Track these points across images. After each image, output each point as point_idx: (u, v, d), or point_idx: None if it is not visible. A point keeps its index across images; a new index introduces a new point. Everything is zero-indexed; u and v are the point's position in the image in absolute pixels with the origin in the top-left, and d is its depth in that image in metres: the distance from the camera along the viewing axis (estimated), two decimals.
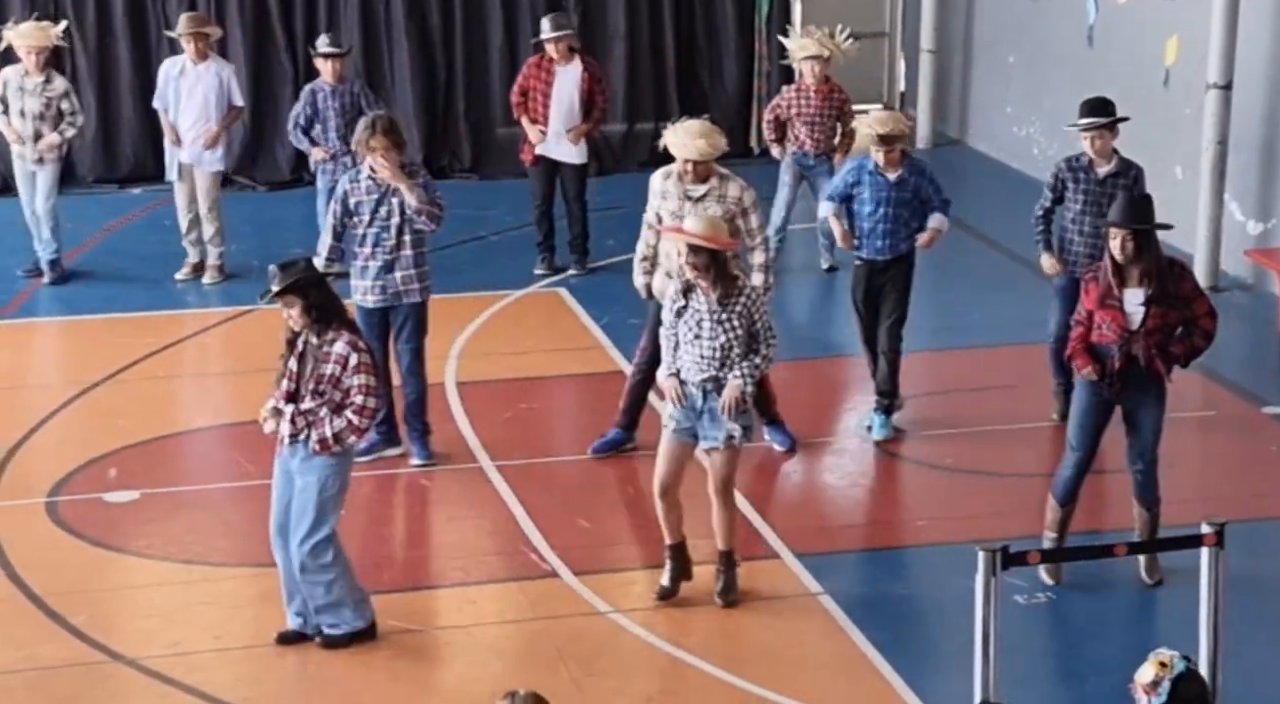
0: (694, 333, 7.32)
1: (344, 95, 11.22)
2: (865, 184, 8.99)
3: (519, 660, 7.16)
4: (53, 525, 8.23)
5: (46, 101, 11.15)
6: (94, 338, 10.88)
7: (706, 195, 8.42)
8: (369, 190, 8.50)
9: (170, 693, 6.87)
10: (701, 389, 7.33)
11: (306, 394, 6.91)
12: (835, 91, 11.50)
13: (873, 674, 7.05)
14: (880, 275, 9.10)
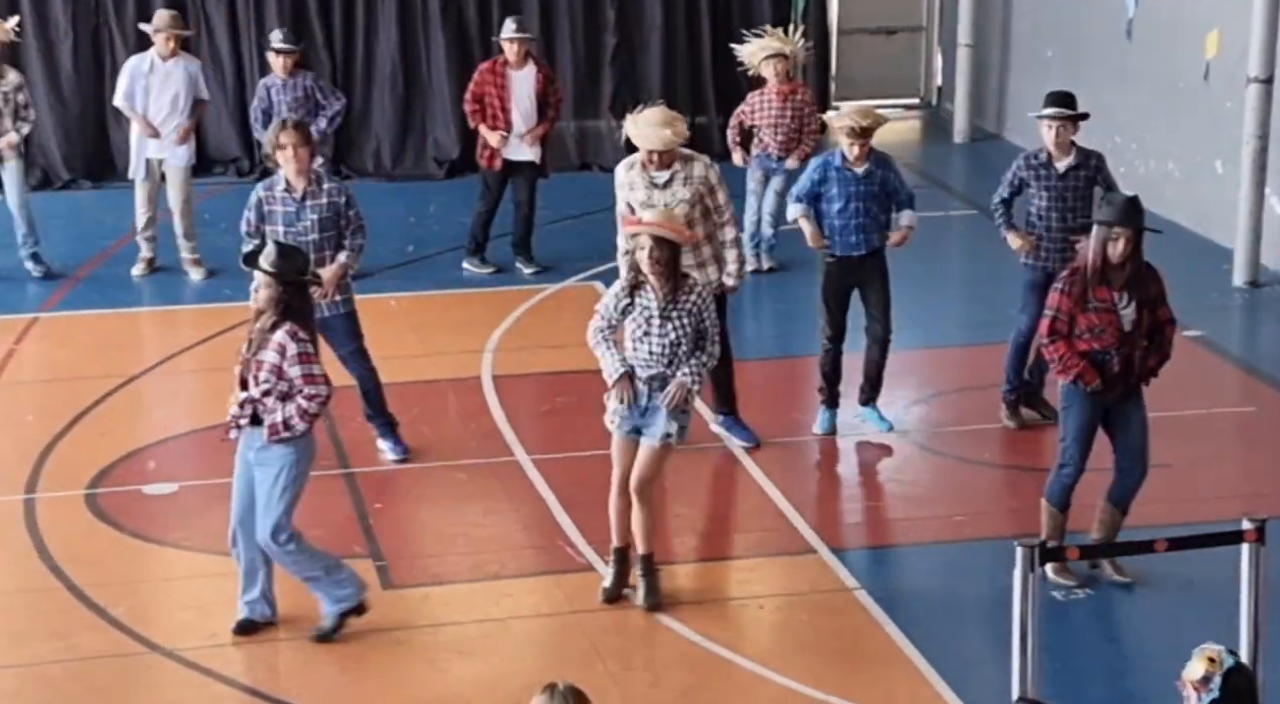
0: (643, 330, 7.25)
1: (296, 88, 11.35)
2: (833, 180, 8.84)
3: (555, 654, 7.17)
4: (92, 517, 8.28)
5: (3, 96, 11.18)
6: (132, 331, 10.95)
7: (672, 180, 8.42)
8: (284, 201, 8.38)
9: (208, 683, 6.90)
10: (648, 386, 7.28)
11: (251, 381, 6.94)
12: (797, 91, 11.53)
13: (909, 670, 7.04)
14: (854, 272, 8.96)
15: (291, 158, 8.31)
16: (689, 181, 8.45)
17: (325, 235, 8.42)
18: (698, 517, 8.33)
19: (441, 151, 14.25)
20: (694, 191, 8.41)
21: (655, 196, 8.40)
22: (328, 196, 8.42)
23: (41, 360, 10.26)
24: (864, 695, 6.82)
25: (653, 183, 8.42)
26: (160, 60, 11.31)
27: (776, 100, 11.39)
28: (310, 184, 8.39)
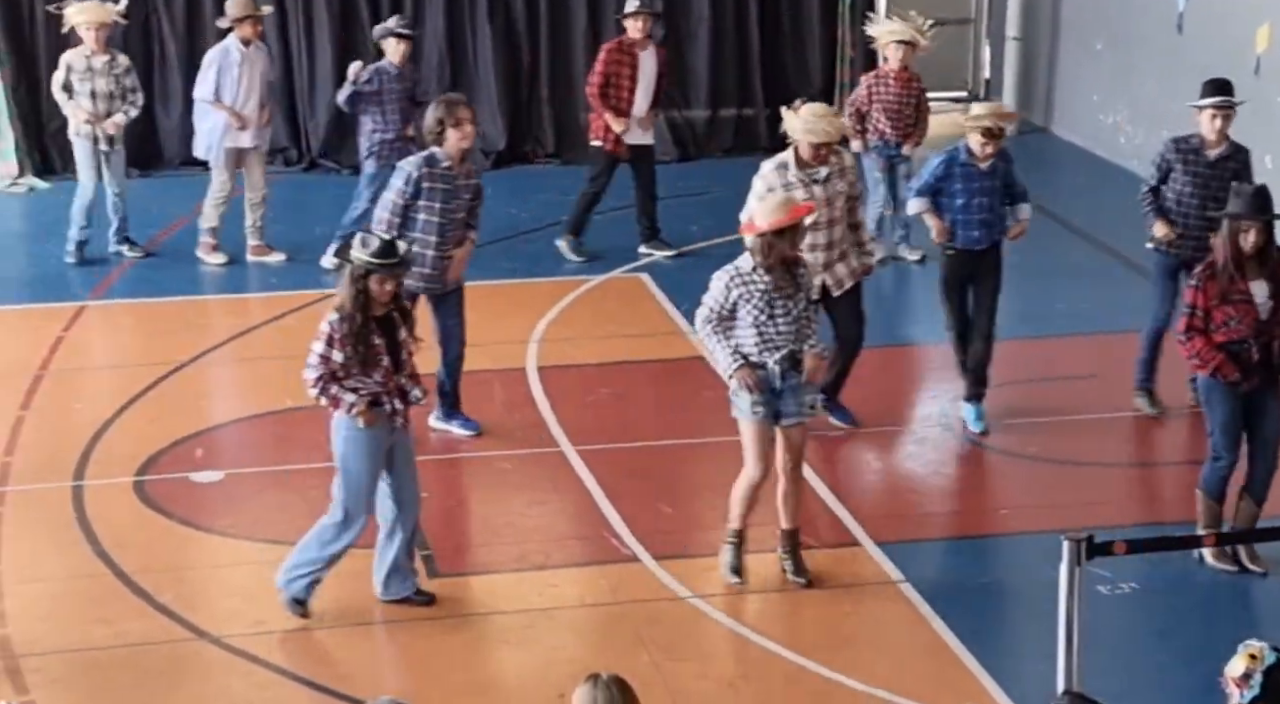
0: (766, 313, 7.30)
1: (406, 78, 11.29)
2: (956, 176, 8.88)
3: (600, 644, 7.18)
4: (140, 504, 8.34)
5: (115, 80, 11.27)
6: (180, 319, 11.01)
7: (830, 175, 8.48)
8: (445, 179, 8.47)
9: (254, 670, 6.95)
10: (780, 367, 7.33)
11: (404, 358, 7.11)
12: (914, 80, 11.40)
13: (954, 663, 7.02)
14: (974, 265, 9.02)
15: (470, 135, 8.43)
16: (844, 173, 8.57)
17: (466, 214, 8.61)
18: None
19: (488, 143, 14.26)
20: (849, 184, 8.55)
21: (815, 192, 8.43)
22: (475, 177, 8.65)
23: (90, 348, 10.34)
24: (908, 689, 6.80)
25: (813, 179, 8.44)
26: (243, 47, 11.33)
27: (895, 86, 11.23)
28: (467, 163, 8.56)
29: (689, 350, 10.24)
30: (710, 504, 8.47)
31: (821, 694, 6.86)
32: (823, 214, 8.48)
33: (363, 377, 7.02)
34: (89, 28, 11.26)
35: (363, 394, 7.01)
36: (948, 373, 9.47)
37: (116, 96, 11.30)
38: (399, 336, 7.10)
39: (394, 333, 7.09)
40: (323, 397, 7.04)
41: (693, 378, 9.85)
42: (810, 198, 8.30)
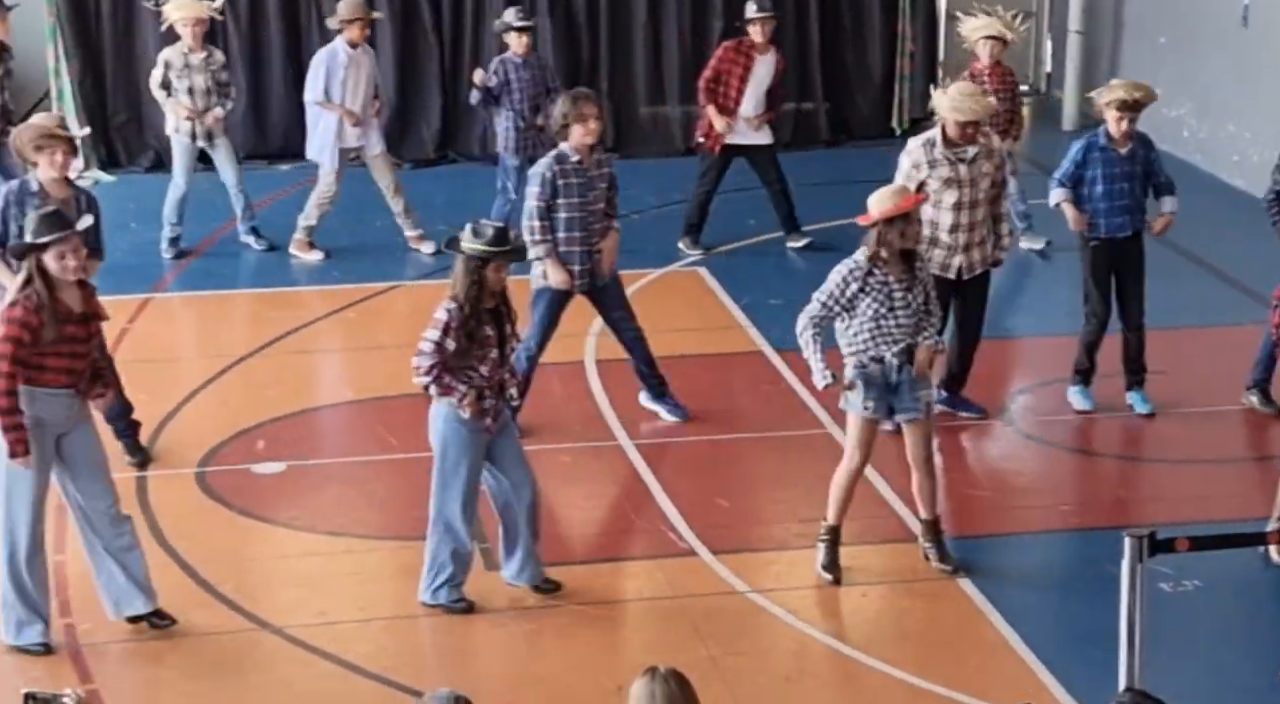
0: (886, 306, 7.29)
1: (532, 67, 11.34)
2: (1096, 161, 8.77)
3: (657, 637, 7.19)
4: (202, 495, 8.42)
5: (211, 76, 11.34)
6: (242, 312, 11.10)
7: (977, 156, 8.50)
8: (576, 173, 8.49)
9: (315, 661, 7.00)
10: (897, 360, 7.32)
11: (509, 353, 7.16)
12: (1008, 75, 11.29)
13: (1012, 658, 6.98)
14: (1120, 253, 8.89)
15: (594, 130, 8.43)
16: (991, 155, 8.57)
17: (604, 204, 8.61)
18: (801, 502, 8.30)
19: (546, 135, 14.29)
20: (996, 165, 8.55)
21: (961, 171, 8.46)
22: (607, 166, 8.64)
23: (154, 340, 10.43)
24: (966, 684, 6.77)
25: (959, 158, 8.46)
26: (350, 49, 11.37)
27: (991, 82, 11.08)
28: (597, 156, 8.55)
29: (746, 344, 10.23)
30: (769, 499, 8.48)
31: (879, 690, 6.84)
32: (966, 194, 8.51)
33: (469, 368, 7.03)
34: (186, 24, 11.33)
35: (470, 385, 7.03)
36: (1018, 368, 9.39)
37: (213, 92, 11.35)
38: (506, 330, 7.11)
39: (502, 326, 7.10)
40: (434, 385, 7.04)
41: (751, 372, 9.84)
42: (956, 177, 8.42)
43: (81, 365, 6.82)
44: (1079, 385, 9.16)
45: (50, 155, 7.95)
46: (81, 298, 6.82)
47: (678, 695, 4.62)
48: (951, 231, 8.55)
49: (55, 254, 6.66)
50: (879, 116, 14.91)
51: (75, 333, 6.76)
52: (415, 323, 11.06)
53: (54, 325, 6.68)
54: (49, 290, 6.68)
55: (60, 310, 6.70)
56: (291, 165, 13.77)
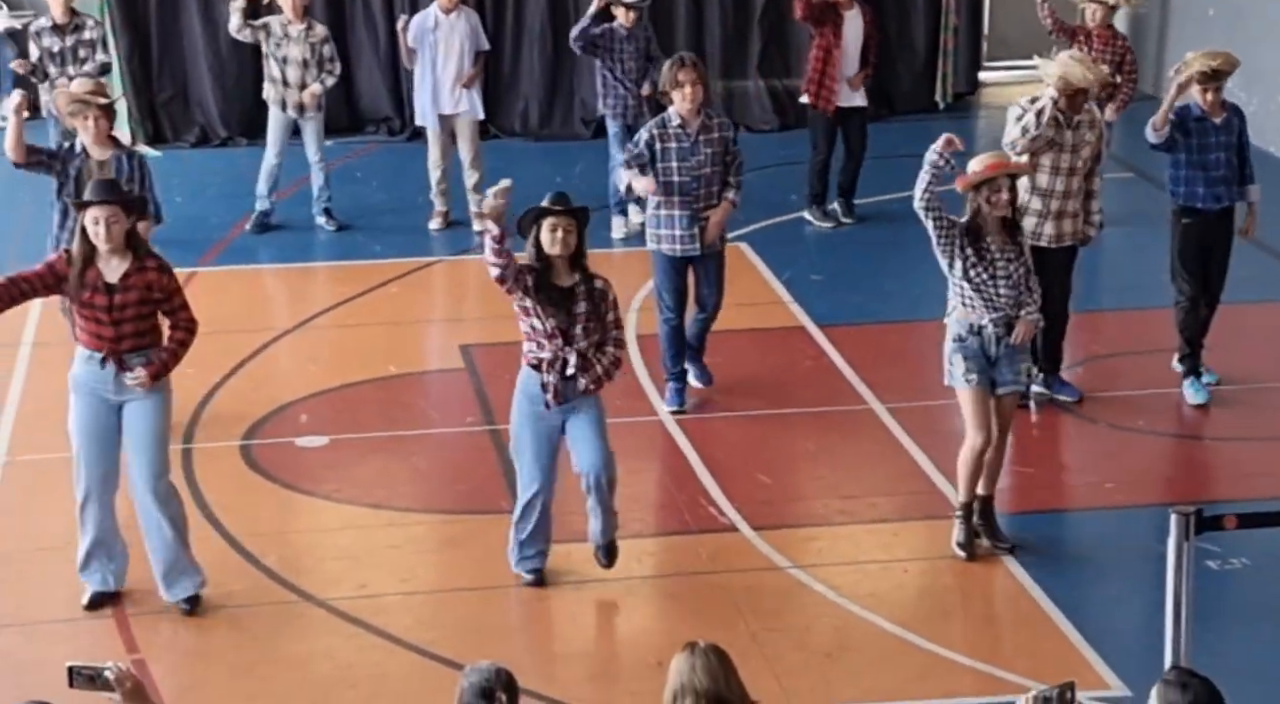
0: (989, 274, 7.24)
1: (639, 39, 11.29)
2: (1191, 131, 8.60)
3: (697, 613, 7.18)
4: (246, 468, 8.46)
5: (310, 48, 11.27)
6: (286, 287, 11.14)
7: (1082, 122, 8.44)
8: (678, 137, 8.47)
9: (357, 633, 7.02)
10: (997, 332, 7.28)
11: (580, 334, 6.97)
12: (1117, 39, 11.07)
13: (1056, 636, 6.95)
14: (1213, 229, 8.71)
15: (689, 96, 8.38)
16: (1094, 125, 8.50)
17: (715, 170, 8.55)
18: (843, 479, 8.29)
19: (589, 111, 14.24)
20: (1097, 136, 8.50)
21: (1066, 136, 8.40)
22: (719, 131, 8.54)
23: (200, 314, 10.40)
24: (1009, 662, 6.74)
25: (1066, 123, 8.41)
26: (443, 15, 11.37)
27: (1097, 44, 10.94)
28: (702, 119, 8.48)
29: (789, 320, 10.19)
30: (810, 475, 8.45)
31: (921, 666, 6.81)
32: (1065, 160, 8.45)
33: (535, 339, 6.98)
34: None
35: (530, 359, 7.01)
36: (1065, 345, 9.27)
37: (311, 65, 11.29)
38: (577, 310, 6.94)
39: (573, 307, 6.94)
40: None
41: (793, 348, 9.81)
42: (1059, 140, 8.36)
43: (108, 333, 6.80)
44: (1189, 377, 8.90)
45: (84, 120, 8.09)
46: (124, 271, 6.81)
47: (717, 670, 4.61)
48: (1045, 197, 8.47)
49: (91, 218, 6.72)
50: (922, 90, 14.81)
51: (96, 301, 6.76)
52: (456, 297, 11.19)
53: (77, 286, 6.74)
54: (87, 254, 6.75)
55: (89, 275, 6.74)
56: (335, 141, 13.78)
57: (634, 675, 6.72)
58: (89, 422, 6.91)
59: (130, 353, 6.85)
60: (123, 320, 6.82)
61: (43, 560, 7.55)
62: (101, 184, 6.84)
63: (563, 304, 6.94)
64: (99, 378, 6.86)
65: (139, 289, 6.83)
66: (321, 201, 11.66)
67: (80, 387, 6.91)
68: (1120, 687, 6.56)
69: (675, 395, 8.90)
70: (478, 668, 4.64)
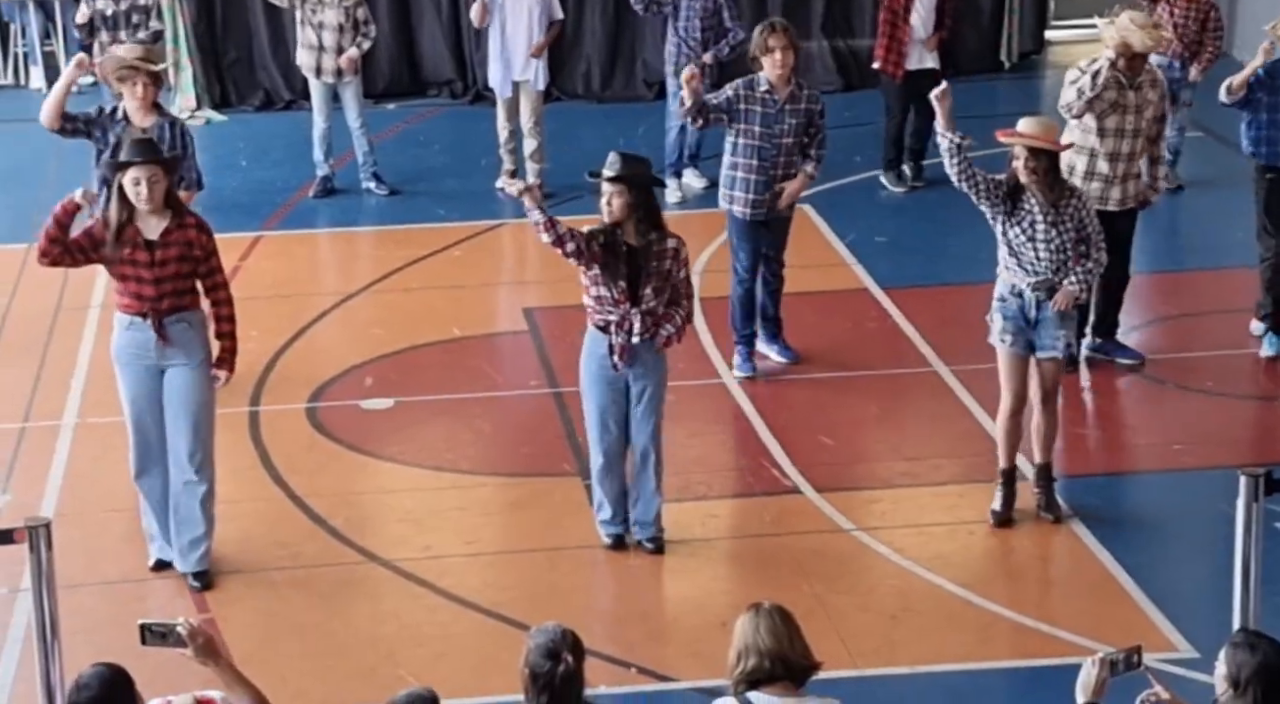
0: (1027, 235, 7.18)
1: (707, 3, 11.11)
2: (1273, 87, 8.50)
3: (761, 575, 7.19)
4: (312, 430, 8.52)
5: (345, 12, 11.22)
6: (350, 250, 11.20)
7: (1143, 82, 8.38)
8: (765, 102, 8.40)
9: (423, 594, 7.08)
10: (1035, 296, 7.22)
11: (649, 294, 6.93)
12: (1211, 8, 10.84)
13: (1122, 598, 6.91)
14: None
15: (779, 62, 8.30)
16: (1155, 85, 8.44)
17: (796, 141, 8.49)
18: (907, 441, 8.26)
19: (651, 73, 14.21)
20: (1160, 96, 8.43)
21: (1129, 97, 8.33)
22: (806, 103, 8.49)
23: (265, 277, 10.55)
24: (1074, 624, 6.72)
25: (1129, 84, 8.36)
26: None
27: (1176, 4, 10.74)
28: (792, 88, 8.41)
29: (853, 282, 10.16)
30: (874, 437, 8.43)
31: (985, 628, 6.80)
32: (1129, 121, 8.36)
33: (600, 300, 6.98)
34: None
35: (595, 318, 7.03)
36: (1128, 305, 9.19)
37: (347, 29, 11.23)
38: (641, 271, 6.89)
39: (636, 266, 6.90)
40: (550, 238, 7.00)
41: (856, 310, 9.78)
42: (1122, 102, 8.29)
43: (149, 292, 6.82)
44: (1269, 331, 8.84)
45: (131, 86, 8.09)
46: (164, 229, 6.82)
47: (781, 630, 4.62)
48: (1111, 160, 8.37)
49: (131, 179, 6.74)
50: (987, 50, 14.67)
51: (138, 258, 6.78)
52: (519, 260, 11.21)
53: (116, 245, 6.76)
54: (125, 213, 6.78)
55: (127, 233, 6.77)
56: (397, 104, 13.83)
57: (698, 636, 6.74)
58: (138, 392, 6.95)
59: (169, 314, 6.85)
60: (164, 278, 6.82)
61: (113, 522, 7.65)
62: (139, 144, 6.84)
63: (631, 264, 6.92)
64: (140, 344, 6.88)
65: (179, 245, 6.84)
66: (369, 167, 11.61)
67: (123, 356, 6.94)
68: (1188, 649, 6.52)
69: (744, 360, 8.86)
70: (544, 629, 4.67)
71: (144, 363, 6.91)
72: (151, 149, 6.85)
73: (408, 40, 14.11)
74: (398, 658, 6.65)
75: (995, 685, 6.52)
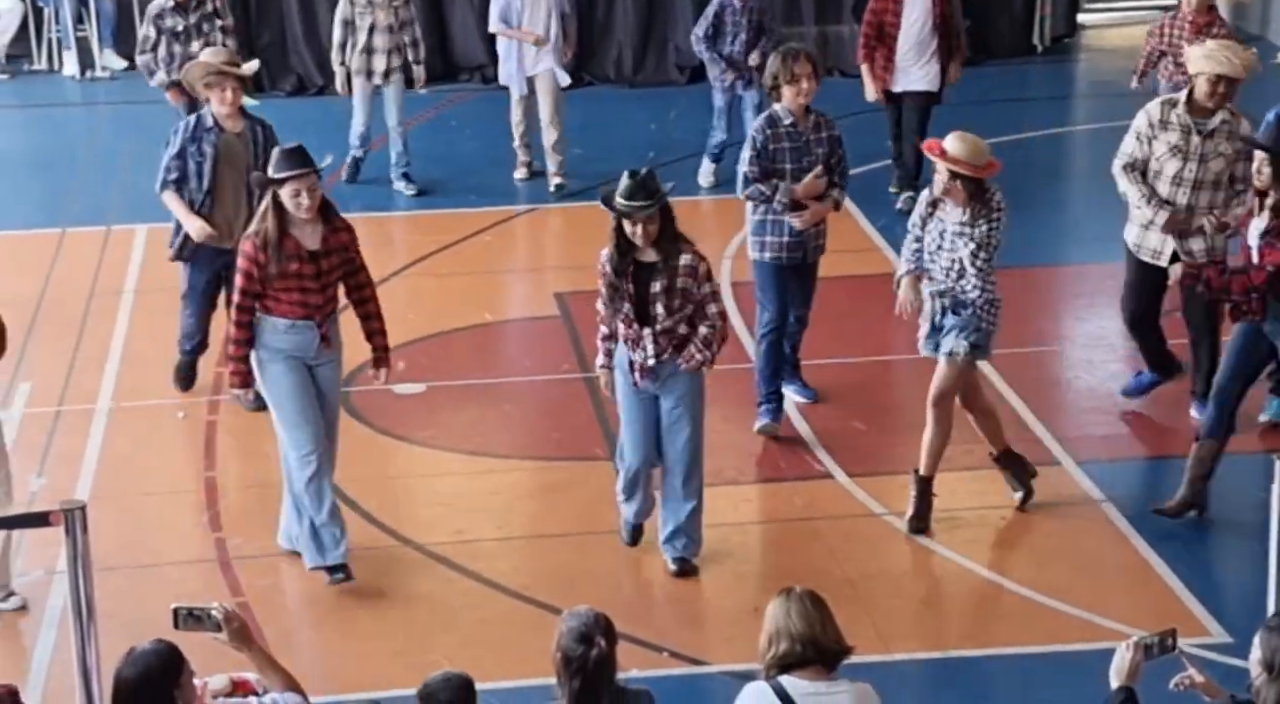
0: (937, 244, 7.12)
1: (750, 12, 10.92)
2: None
3: (793, 559, 7.19)
4: (344, 414, 8.50)
5: (394, 12, 11.08)
6: (382, 235, 11.20)
7: (1216, 130, 7.60)
8: (790, 136, 7.89)
9: (455, 578, 7.10)
10: (940, 302, 7.15)
11: (661, 313, 6.72)
12: (1214, 25, 9.90)
13: (1156, 583, 6.89)
14: None
15: (805, 91, 7.79)
16: (1233, 138, 7.60)
17: (829, 169, 7.98)
18: None
19: (683, 57, 14.19)
20: (1235, 150, 7.59)
21: (1193, 142, 7.59)
22: (827, 130, 7.95)
23: None
24: (1108, 609, 6.70)
25: (1197, 128, 7.58)
26: None
27: (1189, 30, 9.86)
28: (815, 117, 7.93)
29: (884, 266, 10.12)
30: (905, 422, 8.40)
31: (1018, 613, 6.79)
32: (1191, 169, 7.64)
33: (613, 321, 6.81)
34: None
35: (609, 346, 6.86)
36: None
37: (396, 29, 11.12)
38: (656, 287, 6.66)
39: (652, 281, 6.67)
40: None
41: (887, 294, 9.69)
42: (1184, 148, 7.61)
43: (316, 299, 6.79)
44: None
45: (220, 92, 8.05)
46: (321, 236, 6.78)
47: (813, 615, 4.62)
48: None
49: (291, 191, 6.65)
50: (1020, 35, 14.61)
51: (303, 270, 6.73)
52: (550, 245, 11.21)
53: (279, 262, 6.69)
54: (280, 227, 6.70)
55: (288, 247, 6.71)
56: (429, 89, 13.81)
57: (730, 621, 6.75)
58: (301, 390, 6.81)
59: (330, 316, 6.87)
60: (329, 285, 6.82)
61: (149, 505, 7.70)
62: (292, 154, 6.72)
63: (639, 283, 6.68)
64: (303, 345, 6.83)
65: (338, 251, 6.83)
66: (400, 166, 11.52)
67: (279, 356, 6.82)
68: (1221, 634, 6.50)
69: (768, 413, 8.14)
70: (576, 613, 4.68)
71: (301, 361, 6.86)
72: (305, 158, 6.75)
73: (439, 26, 14.12)
74: (430, 642, 6.67)
75: (1028, 670, 6.51)
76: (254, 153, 8.17)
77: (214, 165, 8.12)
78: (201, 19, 10.57)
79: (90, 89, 14.01)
